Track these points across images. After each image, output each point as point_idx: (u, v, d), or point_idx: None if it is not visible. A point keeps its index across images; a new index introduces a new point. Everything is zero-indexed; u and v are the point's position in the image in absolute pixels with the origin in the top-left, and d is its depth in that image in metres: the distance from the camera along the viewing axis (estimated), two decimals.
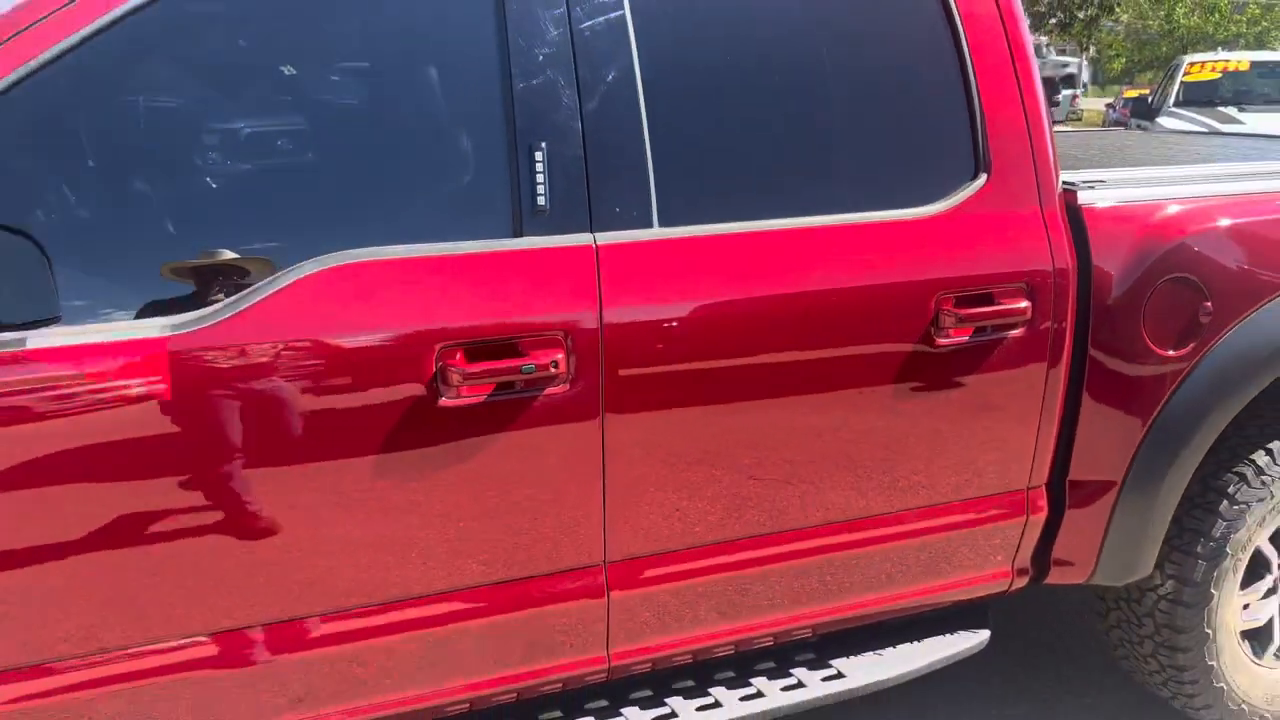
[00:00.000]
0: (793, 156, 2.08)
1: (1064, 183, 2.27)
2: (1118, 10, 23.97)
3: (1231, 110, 9.50)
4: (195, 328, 1.60)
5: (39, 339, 1.52)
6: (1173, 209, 2.32)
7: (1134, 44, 34.45)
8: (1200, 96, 10.06)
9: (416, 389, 1.71)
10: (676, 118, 1.94)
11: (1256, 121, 8.82)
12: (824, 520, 2.11)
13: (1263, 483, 2.43)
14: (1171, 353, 2.29)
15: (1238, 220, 2.35)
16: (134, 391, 1.56)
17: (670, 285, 1.89)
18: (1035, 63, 2.27)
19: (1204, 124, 8.98)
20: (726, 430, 1.97)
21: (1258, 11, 32.18)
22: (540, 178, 1.81)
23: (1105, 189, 2.33)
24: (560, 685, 2.03)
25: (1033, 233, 2.16)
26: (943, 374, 2.12)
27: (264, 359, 1.63)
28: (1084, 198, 2.27)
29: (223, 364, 1.61)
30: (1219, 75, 10.32)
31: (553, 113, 1.83)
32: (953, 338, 2.09)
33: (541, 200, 1.81)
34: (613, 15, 1.87)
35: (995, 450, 2.23)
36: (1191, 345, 2.30)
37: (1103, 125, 19.77)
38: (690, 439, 1.94)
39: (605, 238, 1.85)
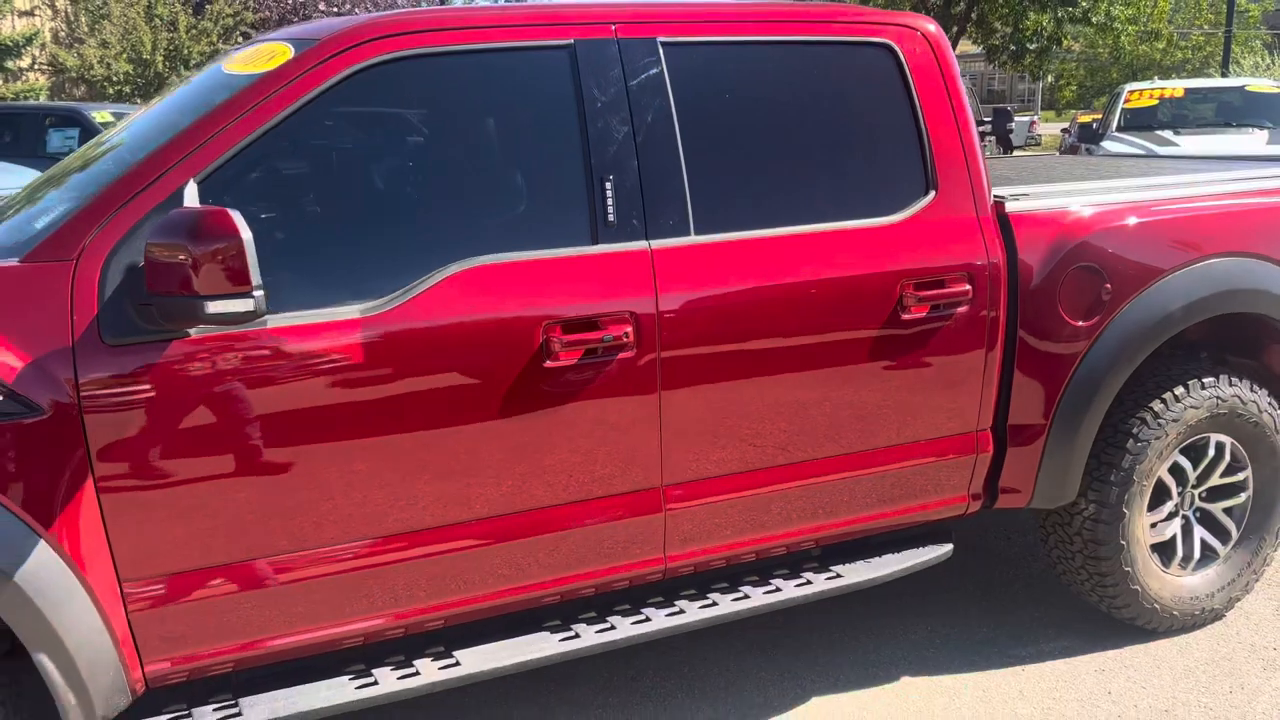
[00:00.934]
0: (790, 180, 2.77)
1: (995, 195, 2.97)
2: (1066, 40, 25.09)
3: (1168, 134, 10.29)
4: (379, 311, 2.26)
5: (276, 320, 2.17)
6: (1079, 214, 3.03)
7: (1086, 70, 35.86)
8: (1140, 122, 10.88)
9: (528, 354, 2.37)
10: (704, 154, 2.62)
11: (1190, 143, 9.60)
12: (823, 455, 2.78)
13: (1159, 424, 3.13)
14: (1081, 323, 2.99)
15: (1128, 222, 3.07)
16: (339, 354, 2.21)
17: (704, 277, 2.56)
18: (969, 106, 2.99)
19: (1143, 147, 9.77)
20: (747, 385, 2.64)
21: (1201, 39, 33.56)
22: (610, 201, 2.49)
23: (1028, 200, 3.03)
24: (627, 582, 2.67)
25: (971, 234, 2.86)
26: (908, 342, 2.80)
27: (424, 332, 2.29)
28: (1011, 206, 2.97)
29: (398, 335, 2.26)
30: (1157, 102, 11.16)
31: (617, 154, 2.51)
32: (914, 314, 2.77)
33: (611, 217, 2.49)
34: (655, 80, 2.56)
35: (950, 400, 2.91)
36: (1097, 318, 3.00)
37: (1059, 149, 20.75)
38: (721, 391, 2.61)
39: (657, 243, 2.53)
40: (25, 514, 1.99)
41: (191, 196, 2.08)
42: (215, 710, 2.27)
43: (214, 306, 1.93)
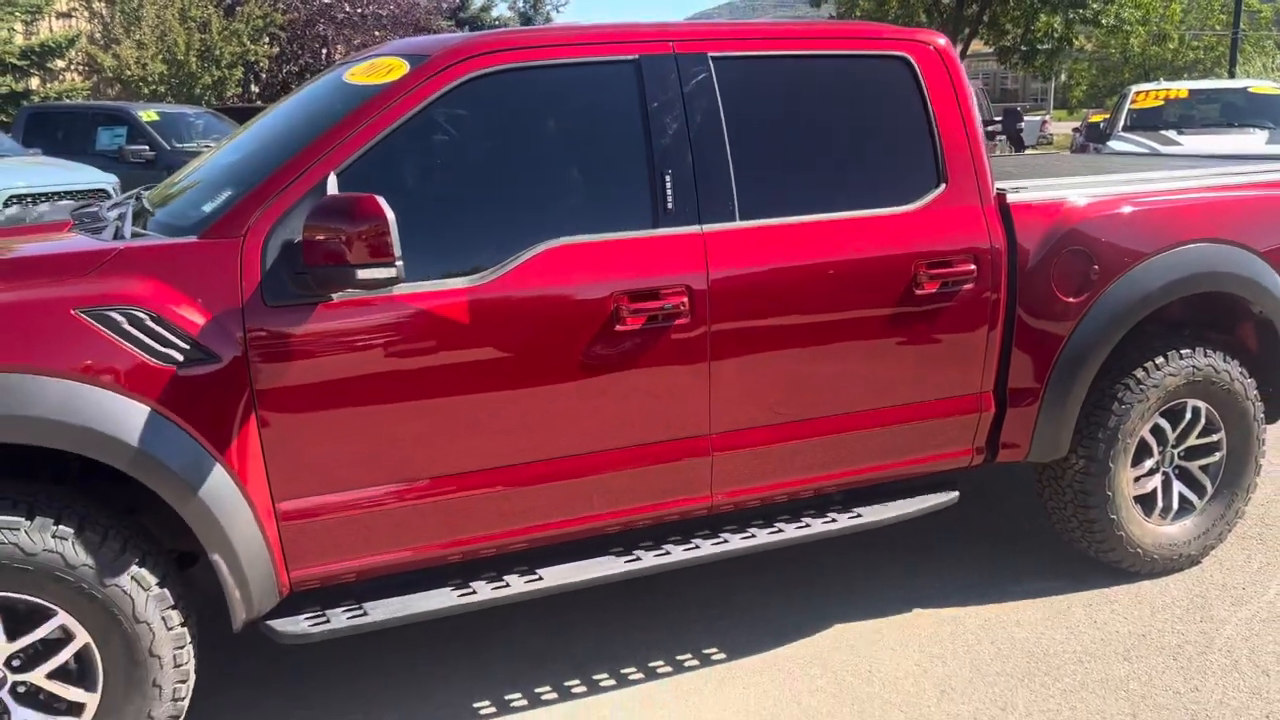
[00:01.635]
0: (820, 173, 3.22)
1: (998, 188, 3.42)
2: (1078, 40, 25.44)
3: (1172, 133, 10.69)
4: (482, 281, 2.72)
5: (400, 289, 2.63)
6: (1071, 205, 3.48)
7: (1099, 70, 36.22)
8: (1145, 122, 11.28)
9: (601, 319, 2.83)
10: (747, 151, 3.08)
11: (1192, 143, 9.99)
12: (846, 411, 3.24)
13: (1141, 390, 3.58)
14: (1072, 300, 3.44)
15: (1114, 211, 3.52)
16: (450, 316, 2.68)
17: (748, 256, 3.02)
18: (975, 109, 3.44)
19: (1147, 146, 10.16)
20: (783, 349, 3.10)
21: (1213, 39, 33.83)
22: (669, 191, 2.95)
23: (1026, 192, 3.48)
24: (678, 516, 3.13)
25: (976, 221, 3.31)
26: (920, 314, 3.26)
27: (518, 300, 2.75)
28: (1011, 198, 3.42)
29: (497, 302, 2.73)
30: (1162, 102, 11.56)
31: (674, 151, 2.97)
32: (926, 290, 3.22)
33: (670, 205, 2.95)
34: (707, 89, 3.02)
35: (957, 366, 3.36)
36: (1086, 295, 3.45)
37: (1071, 148, 21.10)
38: (762, 353, 3.06)
39: (708, 227, 2.98)
40: (207, 443, 2.47)
41: (333, 186, 2.55)
42: (345, 612, 2.74)
43: (364, 274, 2.40)
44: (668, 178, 2.95)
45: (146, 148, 11.86)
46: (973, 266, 3.27)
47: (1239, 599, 3.61)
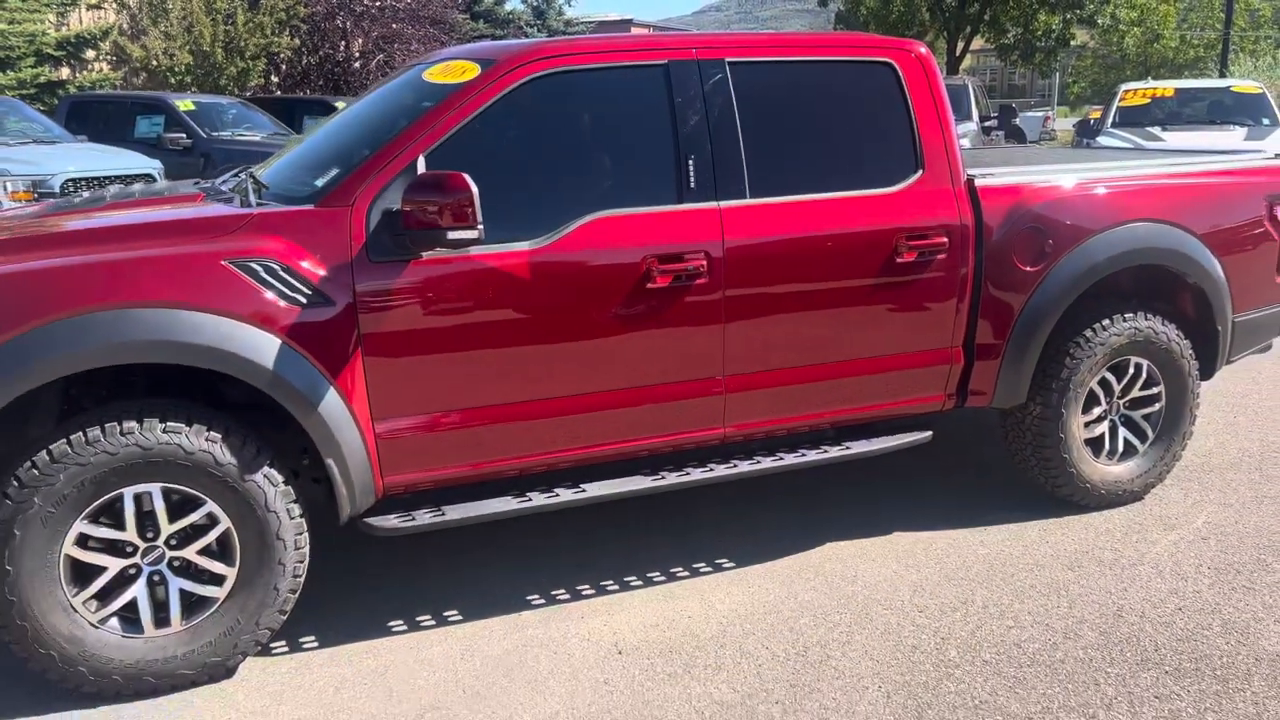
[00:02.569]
0: (818, 159, 3.83)
1: (968, 174, 4.04)
2: (1079, 38, 26.01)
3: (1157, 130, 11.30)
4: (538, 245, 3.34)
5: (474, 250, 3.25)
6: (1029, 188, 4.10)
7: (1101, 68, 36.82)
8: (1133, 119, 11.89)
9: (636, 277, 3.45)
10: (757, 139, 3.69)
11: (1174, 138, 10.61)
12: (839, 358, 3.86)
13: (1090, 347, 4.19)
14: (1030, 269, 4.06)
15: (1066, 195, 4.14)
16: (513, 273, 3.30)
17: (756, 227, 3.63)
18: (949, 107, 4.05)
19: (1132, 141, 10.77)
20: (786, 305, 3.72)
21: (1215, 37, 34.33)
22: (691, 172, 3.57)
23: (992, 177, 4.10)
24: (695, 445, 3.76)
25: (948, 202, 3.93)
26: (902, 280, 3.87)
27: (568, 261, 3.37)
28: (979, 182, 4.04)
29: (551, 262, 3.35)
30: (1149, 101, 12.16)
31: (696, 139, 3.59)
32: (906, 259, 3.84)
33: (692, 184, 3.57)
34: (723, 88, 3.64)
35: (932, 323, 3.98)
36: (1042, 265, 4.07)
37: (1072, 144, 21.65)
38: (767, 309, 3.68)
39: (724, 203, 3.60)
40: (323, 370, 3.10)
41: (421, 166, 3.18)
42: (427, 513, 3.37)
43: (452, 235, 3.03)
44: (690, 161, 3.57)
45: (183, 135, 12.45)
46: (945, 239, 3.89)
47: (1171, 526, 4.24)
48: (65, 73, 18.33)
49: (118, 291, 2.88)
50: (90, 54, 18.61)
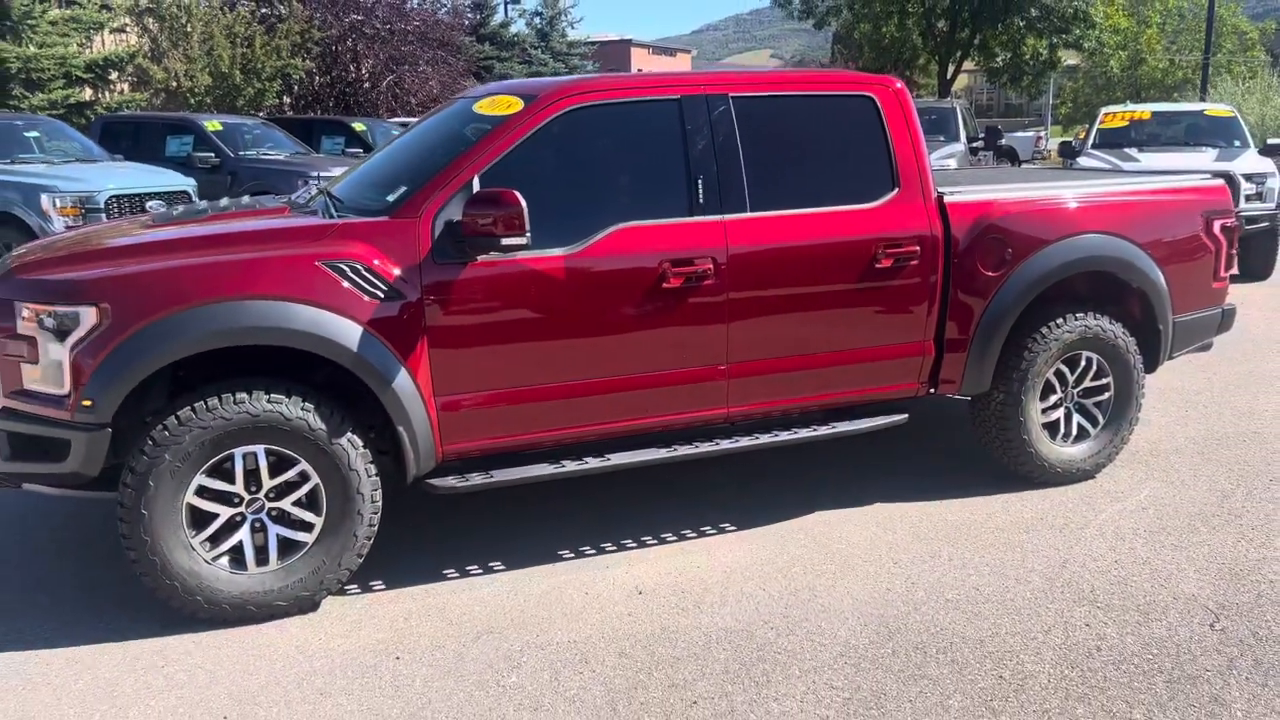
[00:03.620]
0: (808, 179, 4.48)
1: (938, 191, 4.69)
2: (1066, 60, 26.82)
3: (1133, 151, 11.96)
4: (572, 252, 3.99)
5: (519, 255, 3.89)
6: (991, 203, 4.75)
7: (1092, 89, 37.73)
8: (1111, 140, 12.56)
9: (654, 278, 4.09)
10: (755, 162, 4.33)
11: (1150, 160, 11.25)
12: (826, 349, 4.49)
13: (1045, 342, 4.82)
14: (992, 274, 4.71)
15: (1024, 209, 4.79)
16: (551, 274, 3.94)
17: (755, 236, 4.27)
18: (921, 134, 4.71)
19: (1110, 162, 11.42)
20: (780, 304, 4.35)
21: (1200, 60, 35.12)
22: (700, 190, 4.22)
23: (960, 194, 4.75)
24: (703, 423, 4.40)
25: (920, 215, 4.57)
26: (880, 283, 4.51)
27: (598, 264, 4.01)
28: (948, 198, 4.69)
29: (582, 266, 3.99)
30: (1127, 123, 12.84)
31: (703, 161, 4.24)
32: (884, 264, 4.48)
33: (701, 200, 4.21)
34: (726, 118, 4.29)
35: (907, 320, 4.61)
36: (1003, 270, 4.72)
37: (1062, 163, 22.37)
38: (764, 305, 4.32)
39: (727, 216, 4.24)
40: (396, 352, 3.74)
41: (476, 185, 3.83)
42: (480, 476, 4.00)
43: (505, 241, 3.67)
44: (699, 180, 4.22)
45: (212, 155, 13.12)
46: (917, 248, 4.53)
47: (1117, 498, 4.87)
48: (88, 93, 19.05)
49: (239, 286, 3.52)
50: (113, 75, 19.33)
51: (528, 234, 3.69)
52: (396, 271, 3.74)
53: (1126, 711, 3.13)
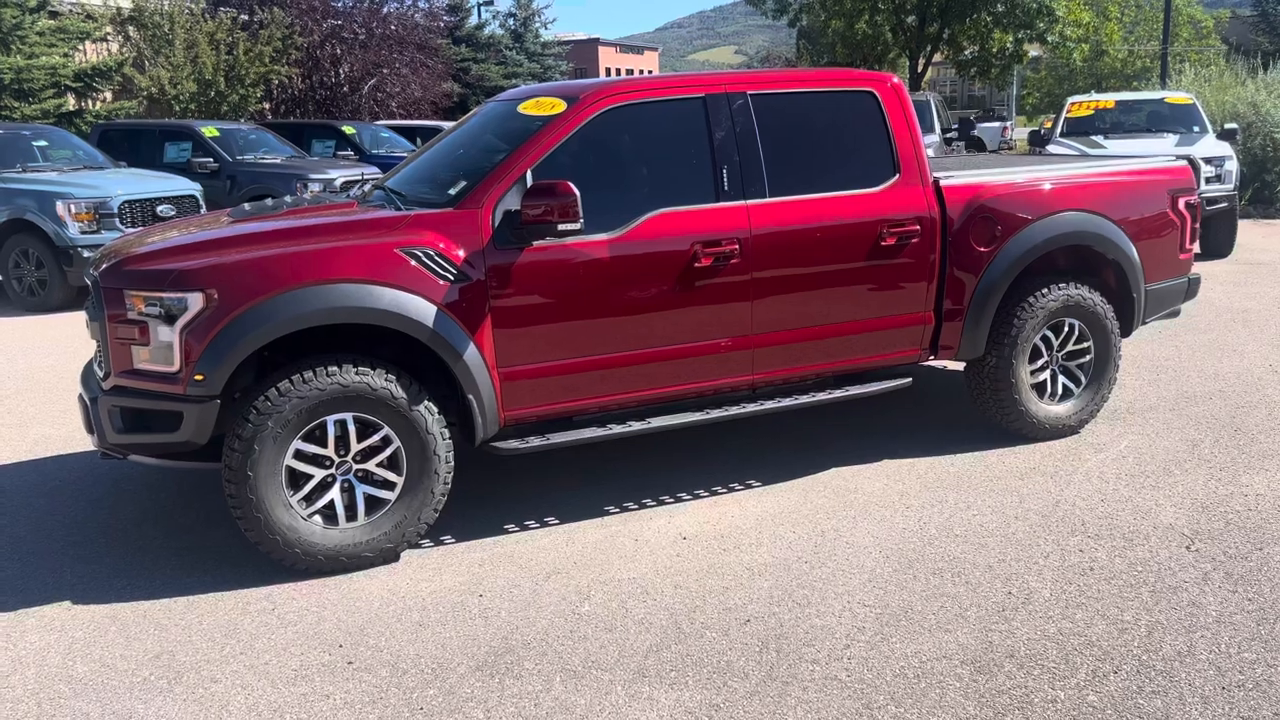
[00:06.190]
0: (819, 166, 4.98)
1: (934, 175, 5.20)
2: (1031, 51, 27.60)
3: (1099, 138, 12.58)
4: (613, 236, 4.46)
5: (570, 239, 4.36)
6: (982, 186, 5.27)
7: (1055, 79, 38.64)
8: (1078, 128, 13.20)
9: (686, 259, 4.56)
10: (773, 152, 4.83)
11: (1115, 146, 11.87)
12: (839, 320, 4.99)
13: (1032, 310, 5.35)
14: (984, 250, 5.23)
15: (1011, 191, 5.31)
16: (596, 256, 4.41)
17: (775, 219, 4.77)
18: (918, 124, 5.22)
19: (1077, 149, 12.04)
20: (798, 280, 4.85)
21: (1159, 49, 36.04)
22: (725, 178, 4.70)
23: (953, 179, 5.26)
24: (731, 389, 4.88)
25: (919, 198, 5.08)
26: (884, 259, 5.02)
27: (637, 247, 4.48)
28: (944, 182, 5.20)
29: (623, 249, 4.46)
30: (1092, 112, 13.49)
31: (727, 152, 4.72)
32: (888, 243, 4.99)
33: (726, 187, 4.70)
34: (746, 113, 4.78)
35: (909, 292, 5.12)
36: (993, 246, 5.24)
37: (1028, 151, 23.03)
38: (783, 281, 4.81)
39: (750, 201, 4.73)
40: (465, 328, 4.19)
41: (530, 178, 4.29)
42: (538, 438, 4.46)
43: (561, 227, 4.14)
44: (724, 169, 4.70)
45: (210, 160, 13.47)
46: (917, 227, 5.04)
47: (1099, 449, 5.41)
48: (72, 102, 19.26)
49: (330, 271, 3.97)
50: (99, 84, 19.55)
51: (581, 220, 4.16)
52: (463, 256, 4.20)
53: (1118, 614, 3.65)
